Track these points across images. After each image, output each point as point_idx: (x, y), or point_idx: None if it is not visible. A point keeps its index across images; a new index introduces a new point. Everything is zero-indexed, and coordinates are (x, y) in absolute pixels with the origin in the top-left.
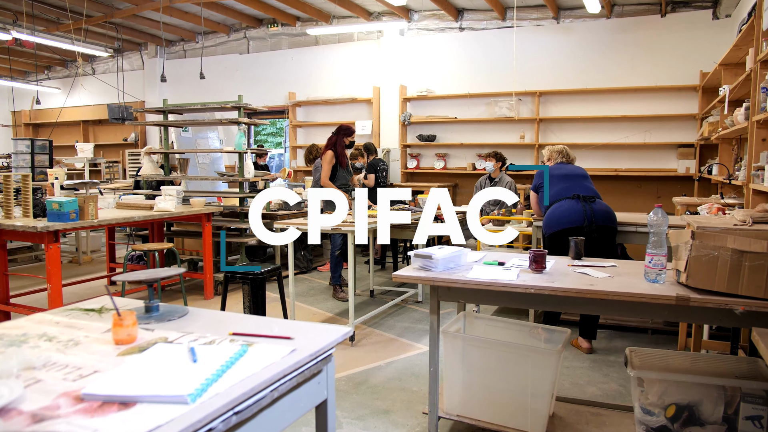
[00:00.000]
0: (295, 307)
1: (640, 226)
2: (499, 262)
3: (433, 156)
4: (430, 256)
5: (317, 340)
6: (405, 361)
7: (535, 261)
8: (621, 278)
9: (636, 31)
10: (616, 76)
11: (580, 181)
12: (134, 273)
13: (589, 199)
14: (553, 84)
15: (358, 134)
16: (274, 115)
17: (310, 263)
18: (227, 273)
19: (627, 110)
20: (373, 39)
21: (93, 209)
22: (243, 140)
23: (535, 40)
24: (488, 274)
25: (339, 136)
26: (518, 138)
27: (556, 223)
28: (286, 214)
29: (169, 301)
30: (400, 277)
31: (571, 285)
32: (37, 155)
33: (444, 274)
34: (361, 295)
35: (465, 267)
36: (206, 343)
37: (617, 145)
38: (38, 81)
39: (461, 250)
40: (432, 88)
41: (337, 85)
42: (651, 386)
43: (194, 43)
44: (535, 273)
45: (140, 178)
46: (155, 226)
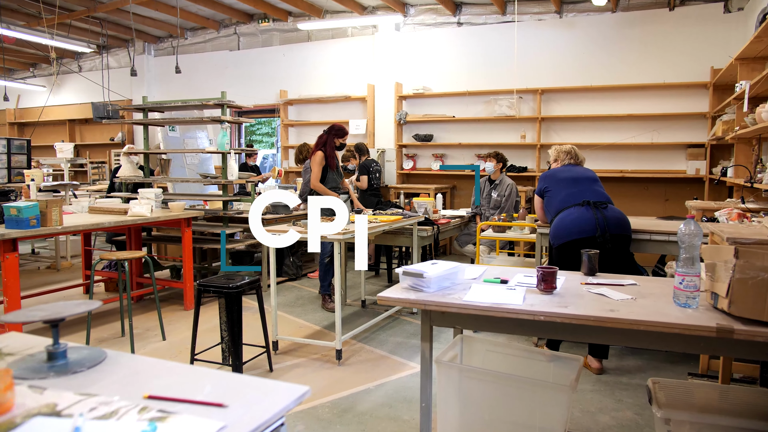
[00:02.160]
0: (280, 319)
1: (655, 234)
2: (501, 279)
3: (430, 156)
4: (421, 274)
5: (261, 406)
6: (396, 383)
7: (544, 280)
8: (645, 301)
9: (643, 25)
10: (622, 72)
11: (590, 185)
12: (32, 311)
13: (600, 206)
14: (556, 81)
15: (351, 134)
16: (264, 114)
17: (300, 270)
18: (200, 285)
19: (633, 109)
20: (367, 34)
21: (57, 215)
22: (226, 140)
23: (536, 36)
24: (489, 296)
25: (330, 136)
26: (519, 138)
27: (565, 233)
28: (274, 218)
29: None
30: (386, 300)
31: (588, 311)
32: (14, 155)
33: (437, 296)
34: (351, 305)
35: (462, 286)
36: (105, 415)
37: (623, 146)
38: (24, 79)
39: (457, 266)
40: (429, 85)
41: (330, 83)
42: (680, 428)
43: (183, 40)
44: (544, 294)
45: (118, 180)
46: (132, 231)
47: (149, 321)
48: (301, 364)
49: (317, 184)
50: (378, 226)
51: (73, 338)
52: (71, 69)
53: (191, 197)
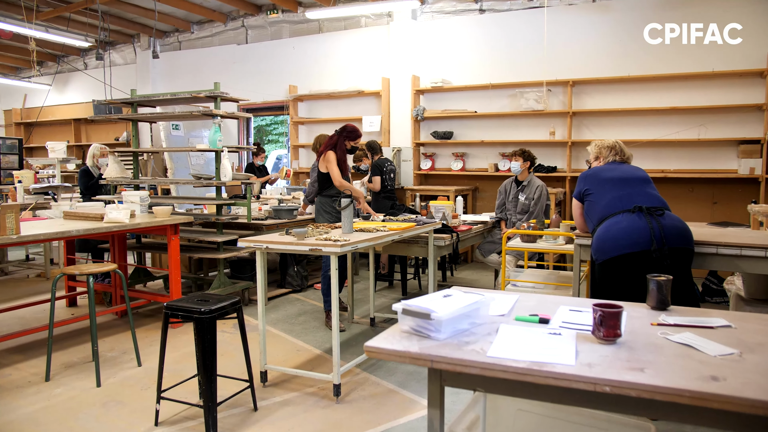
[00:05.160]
0: (275, 339)
1: (723, 247)
2: (540, 318)
3: (450, 156)
4: (429, 314)
5: None
6: (405, 428)
7: (605, 324)
8: (756, 358)
9: (687, 6)
10: (663, 61)
11: (641, 187)
12: None
13: (655, 212)
14: (589, 71)
15: (365, 131)
16: (273, 112)
17: (305, 280)
18: (168, 309)
19: (677, 101)
20: (382, 24)
21: (12, 222)
22: (218, 136)
23: (567, 22)
24: (526, 348)
25: (341, 138)
26: (548, 134)
27: (612, 245)
28: (275, 224)
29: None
30: (376, 351)
31: (676, 379)
32: (4, 156)
33: (451, 347)
34: (359, 322)
35: (486, 327)
36: None
37: (665, 142)
38: (30, 78)
39: (479, 300)
40: (448, 78)
41: (342, 77)
42: None
43: (189, 34)
44: (604, 344)
45: (104, 181)
46: (116, 239)
47: (130, 341)
48: (292, 401)
49: (342, 182)
50: (385, 236)
51: (35, 362)
52: (76, 67)
53: (193, 201)
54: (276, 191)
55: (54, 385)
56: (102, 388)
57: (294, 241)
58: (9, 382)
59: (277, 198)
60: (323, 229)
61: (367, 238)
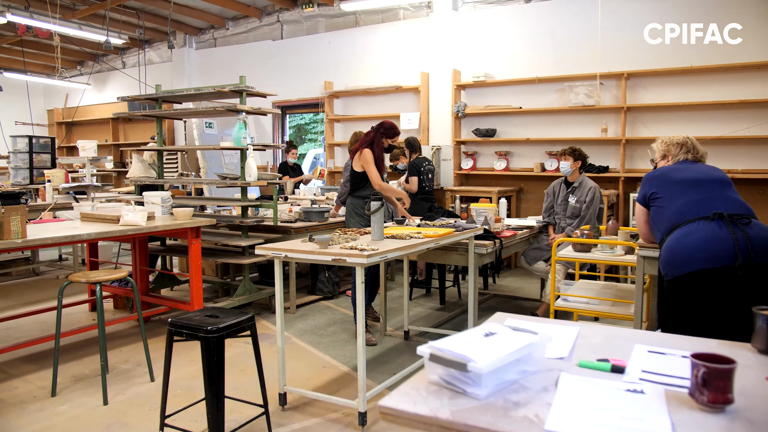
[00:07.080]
0: (300, 353)
1: None
2: (613, 366)
3: (493, 154)
4: (465, 364)
5: None
6: None
7: (709, 385)
8: None
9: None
10: (730, 49)
11: (720, 190)
12: None
13: (740, 220)
14: (645, 63)
15: (403, 128)
16: (308, 109)
17: (337, 287)
18: (172, 325)
19: (745, 93)
20: (421, 16)
21: (17, 225)
22: (243, 133)
23: (621, 9)
24: (599, 417)
25: (378, 135)
26: (599, 131)
27: (686, 259)
28: (305, 226)
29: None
30: (393, 414)
31: None
32: (37, 155)
33: (495, 412)
34: (392, 335)
35: (540, 379)
36: None
37: (732, 140)
38: (71, 77)
39: (532, 342)
40: (491, 72)
41: (379, 72)
42: None
43: (225, 30)
44: (709, 411)
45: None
46: (137, 242)
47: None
48: (312, 429)
49: (381, 183)
50: (419, 244)
51: (45, 374)
52: (113, 66)
53: (217, 202)
54: (309, 191)
55: (59, 402)
56: (108, 406)
57: (316, 249)
58: (13, 396)
59: (310, 199)
60: (350, 235)
61: (398, 246)
